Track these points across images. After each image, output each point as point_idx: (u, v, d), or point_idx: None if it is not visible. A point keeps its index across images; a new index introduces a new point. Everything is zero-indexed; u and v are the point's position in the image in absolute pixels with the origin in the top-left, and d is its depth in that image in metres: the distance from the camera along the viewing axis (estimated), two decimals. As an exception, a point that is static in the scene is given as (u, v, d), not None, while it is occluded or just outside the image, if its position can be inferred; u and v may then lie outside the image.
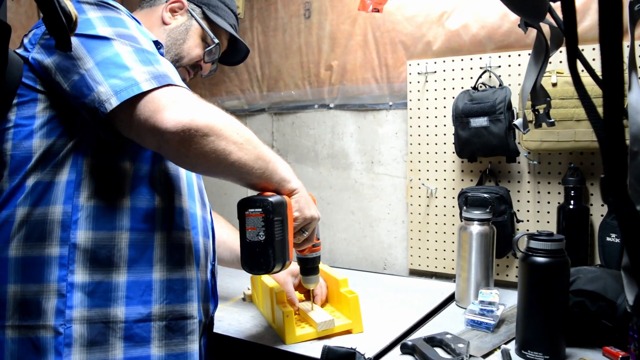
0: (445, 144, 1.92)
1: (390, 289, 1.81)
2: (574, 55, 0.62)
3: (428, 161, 1.96)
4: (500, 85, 1.75)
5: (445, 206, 1.94)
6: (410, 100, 1.98)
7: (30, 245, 0.97)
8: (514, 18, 1.74)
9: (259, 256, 1.05)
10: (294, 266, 1.45)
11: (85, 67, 0.94)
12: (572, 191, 1.62)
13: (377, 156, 2.13)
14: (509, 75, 1.79)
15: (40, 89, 1.00)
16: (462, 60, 1.87)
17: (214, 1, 1.40)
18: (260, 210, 1.04)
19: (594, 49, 1.61)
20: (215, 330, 1.38)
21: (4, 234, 0.97)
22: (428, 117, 1.95)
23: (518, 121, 1.32)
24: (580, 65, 0.68)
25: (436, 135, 1.94)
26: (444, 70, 1.91)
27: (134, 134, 0.96)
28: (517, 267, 1.50)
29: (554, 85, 1.57)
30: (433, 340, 1.28)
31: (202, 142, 0.92)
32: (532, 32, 1.14)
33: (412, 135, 1.99)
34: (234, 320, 1.52)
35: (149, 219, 1.04)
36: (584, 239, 1.63)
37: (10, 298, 0.96)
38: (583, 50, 1.60)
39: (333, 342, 1.29)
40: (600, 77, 0.55)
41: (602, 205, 1.65)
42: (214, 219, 1.35)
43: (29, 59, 1.00)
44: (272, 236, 1.04)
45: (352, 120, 2.19)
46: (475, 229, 1.56)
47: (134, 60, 0.95)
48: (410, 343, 1.25)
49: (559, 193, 1.72)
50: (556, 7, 1.06)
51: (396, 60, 2.04)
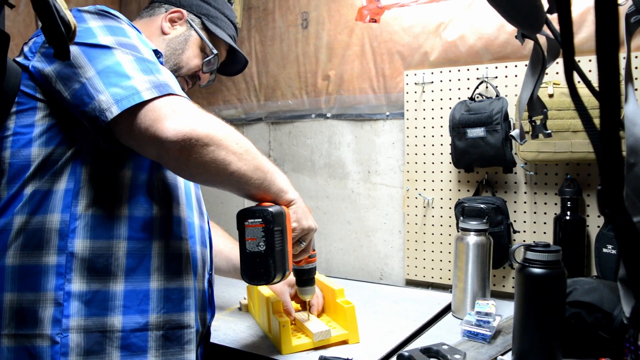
0: (442, 154, 1.93)
1: (387, 299, 1.81)
2: (571, 67, 0.63)
3: (425, 171, 1.96)
4: (497, 96, 1.76)
5: (441, 216, 1.94)
6: (407, 110, 1.99)
7: (28, 253, 0.97)
8: (511, 29, 1.75)
9: (259, 266, 1.04)
10: (291, 276, 1.44)
11: (87, 76, 0.94)
12: (569, 202, 1.62)
13: (374, 166, 2.13)
14: (506, 86, 1.79)
15: (40, 97, 1.00)
16: (459, 70, 1.88)
17: (213, 12, 1.40)
18: (260, 220, 1.03)
19: (590, 61, 1.62)
20: (211, 340, 1.37)
21: (1, 242, 0.97)
22: (425, 128, 1.95)
23: (515, 132, 1.32)
24: (576, 77, 0.68)
25: (433, 145, 1.94)
26: (441, 81, 1.91)
27: (134, 143, 0.96)
28: (514, 278, 1.50)
29: (551, 96, 1.58)
30: (429, 351, 1.27)
31: (202, 152, 0.93)
32: (529, 44, 1.15)
33: (409, 146, 1.99)
34: (230, 329, 1.51)
35: (147, 228, 1.04)
36: (580, 250, 1.63)
37: (6, 306, 0.96)
38: (579, 61, 1.61)
39: (329, 353, 1.28)
40: (597, 89, 0.55)
41: (599, 216, 1.65)
42: (211, 228, 1.35)
43: (29, 67, 1.00)
44: (273, 246, 1.04)
45: (349, 130, 2.19)
46: (472, 239, 1.56)
47: (135, 69, 0.95)
48: (406, 354, 1.25)
49: (556, 204, 1.72)
50: (553, 19, 1.07)
51: (393, 71, 2.04)
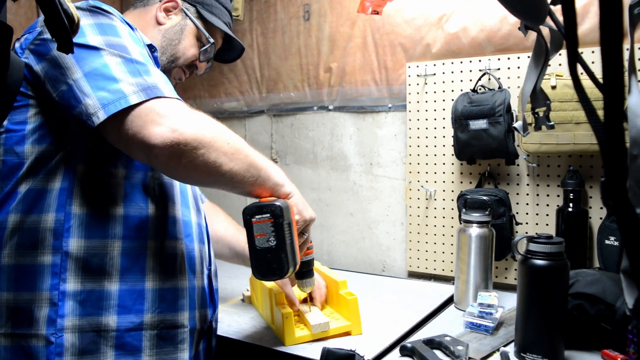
0: (444, 146, 1.92)
1: (389, 291, 1.81)
2: (575, 59, 0.62)
3: (427, 163, 1.96)
4: (499, 87, 1.75)
5: (444, 208, 1.94)
6: (410, 102, 1.99)
7: (23, 252, 0.97)
8: (513, 21, 1.75)
9: (271, 262, 1.04)
10: None
11: (74, 77, 0.93)
12: (571, 194, 1.63)
13: (376, 158, 2.13)
14: (508, 77, 1.79)
15: (31, 94, 0.99)
16: (462, 62, 1.87)
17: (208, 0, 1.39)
18: (269, 215, 1.03)
19: (593, 52, 1.61)
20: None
21: None
22: (427, 120, 1.95)
23: (518, 124, 1.32)
24: (579, 68, 0.68)
25: (435, 137, 1.94)
26: (443, 73, 1.91)
27: (123, 147, 0.95)
28: (516, 270, 1.50)
29: (554, 88, 1.57)
30: (432, 343, 1.28)
31: (192, 156, 0.91)
32: (532, 35, 1.14)
33: (411, 138, 1.99)
34: (233, 321, 1.52)
35: (142, 227, 1.04)
36: (582, 242, 1.63)
37: (2, 306, 0.96)
38: (582, 53, 1.61)
39: (332, 344, 1.29)
40: (600, 80, 0.55)
41: (601, 208, 1.65)
42: (213, 212, 1.35)
43: None
44: (283, 240, 1.03)
45: (351, 122, 2.19)
46: (474, 231, 1.56)
47: (122, 72, 0.94)
48: (409, 345, 1.25)
49: (558, 196, 1.72)
50: (556, 10, 1.06)
51: (395, 63, 2.04)
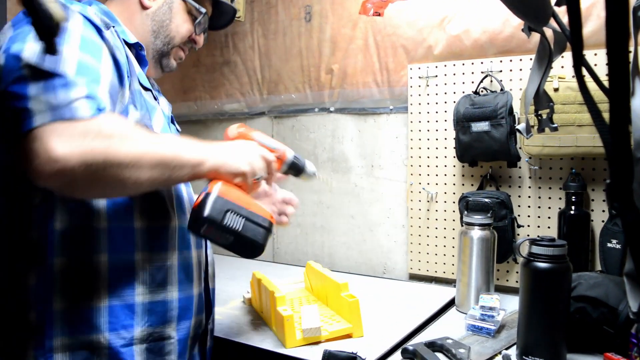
0: (446, 148, 1.92)
1: (390, 294, 1.81)
2: (580, 61, 0.62)
3: (429, 165, 1.96)
4: (501, 89, 1.75)
5: (445, 211, 1.94)
6: (411, 104, 1.98)
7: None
8: (516, 23, 1.74)
9: (246, 247, 1.01)
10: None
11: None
12: (573, 196, 1.62)
13: (378, 160, 2.13)
14: (510, 79, 1.79)
15: None
16: (464, 64, 1.87)
17: None
18: (206, 225, 0.96)
19: (595, 55, 1.61)
20: (215, 334, 1.38)
21: None
22: (429, 122, 1.95)
23: (521, 126, 1.32)
24: (583, 71, 0.68)
25: (437, 139, 1.94)
26: (445, 75, 1.91)
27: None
28: (518, 272, 1.49)
29: (556, 90, 1.57)
30: (434, 345, 1.27)
31: (85, 181, 0.83)
32: (534, 37, 1.14)
33: (413, 140, 1.99)
34: (234, 323, 1.51)
35: (130, 241, 1.01)
36: (584, 245, 1.62)
37: None
38: (585, 55, 1.60)
39: (334, 347, 1.28)
40: (604, 83, 0.55)
41: (603, 211, 1.65)
42: None
43: None
44: (236, 231, 0.98)
45: (353, 124, 2.19)
46: (476, 233, 1.56)
47: (37, 88, 0.85)
48: (411, 348, 1.25)
49: (560, 198, 1.71)
50: (559, 12, 1.06)
51: (397, 64, 2.04)
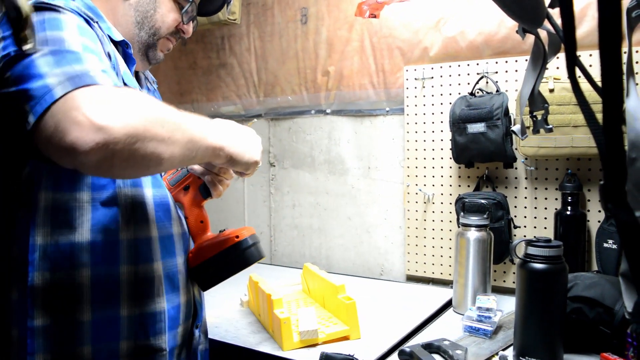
0: (442, 149, 1.92)
1: (387, 295, 1.81)
2: (573, 62, 0.62)
3: (425, 167, 1.96)
4: (497, 91, 1.75)
5: (442, 212, 1.94)
6: (407, 105, 1.99)
7: None
8: (511, 24, 1.75)
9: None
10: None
11: None
12: (569, 197, 1.62)
13: (374, 162, 2.13)
14: (506, 81, 1.79)
15: None
16: (459, 66, 1.87)
17: None
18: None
19: (590, 55, 1.61)
20: (212, 337, 1.38)
21: None
22: (425, 123, 1.95)
23: (516, 127, 1.32)
24: (577, 72, 0.68)
25: (433, 140, 1.94)
26: (441, 76, 1.91)
27: (51, 153, 0.81)
28: (515, 273, 1.50)
29: (551, 91, 1.57)
30: (431, 347, 1.27)
31: (126, 154, 0.80)
32: (529, 39, 1.14)
33: (409, 141, 1.99)
34: (231, 326, 1.51)
35: (113, 253, 0.99)
36: (581, 245, 1.63)
37: None
38: (580, 56, 1.61)
39: (331, 349, 1.28)
40: (598, 84, 0.55)
41: (599, 211, 1.65)
42: None
43: None
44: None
45: (349, 125, 2.19)
46: (473, 234, 1.56)
47: (48, 65, 0.83)
48: (408, 349, 1.25)
49: (556, 199, 1.72)
50: (554, 13, 1.06)
51: (393, 66, 2.04)
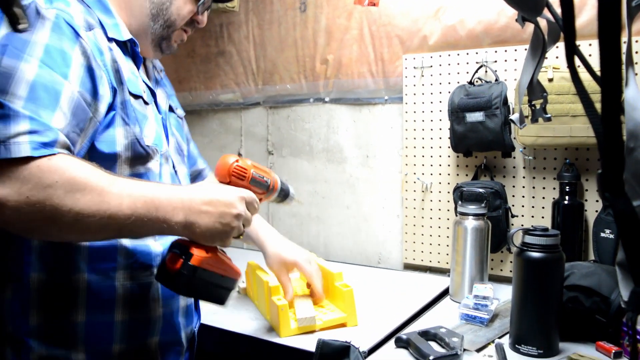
0: (440, 138, 1.92)
1: (385, 283, 1.82)
2: (572, 51, 0.62)
3: (423, 155, 1.96)
4: (496, 80, 1.75)
5: (440, 201, 1.94)
6: (406, 94, 1.98)
7: None
8: (511, 13, 1.74)
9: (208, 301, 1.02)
10: (288, 256, 1.44)
11: None
12: (567, 186, 1.63)
13: (373, 150, 2.13)
14: (505, 70, 1.78)
15: None
16: (459, 54, 1.87)
17: None
18: (176, 291, 0.96)
19: (590, 45, 1.61)
20: (210, 323, 1.39)
21: None
22: (424, 112, 1.95)
23: (515, 116, 1.31)
24: (577, 61, 0.68)
25: (432, 129, 1.94)
26: (440, 65, 1.91)
27: None
28: (512, 262, 1.50)
29: (550, 80, 1.57)
30: (427, 334, 1.28)
31: (29, 229, 0.81)
32: (529, 27, 1.14)
33: (408, 130, 1.99)
34: (229, 313, 1.52)
35: (112, 259, 0.99)
36: (578, 235, 1.63)
37: None
38: (580, 45, 1.60)
39: (328, 336, 1.29)
40: (598, 73, 0.55)
41: (597, 201, 1.65)
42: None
43: None
44: (205, 294, 0.99)
45: (348, 114, 2.18)
46: (470, 223, 1.56)
47: None
48: (404, 337, 1.25)
49: (554, 188, 1.72)
50: (554, 2, 1.06)
51: (392, 55, 2.03)
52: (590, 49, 1.61)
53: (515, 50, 1.77)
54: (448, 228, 1.93)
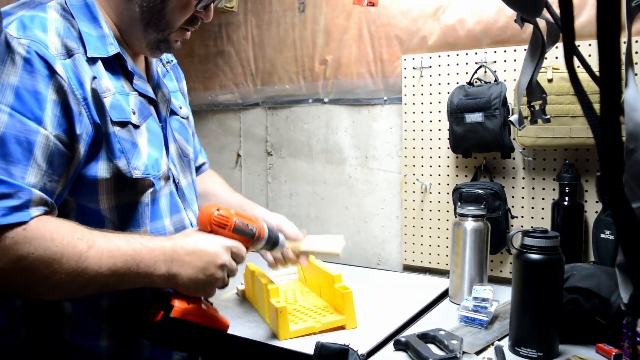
0: (440, 139, 1.92)
1: (384, 285, 1.81)
2: (571, 52, 0.61)
3: (422, 156, 1.96)
4: (495, 80, 1.74)
5: (439, 202, 1.94)
6: (405, 95, 1.97)
7: None
8: (510, 13, 1.73)
9: None
10: (272, 219, 1.36)
11: None
12: (567, 187, 1.62)
13: (372, 151, 2.12)
14: (505, 70, 1.78)
15: None
16: (458, 55, 1.86)
17: None
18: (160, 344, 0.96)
19: (590, 45, 1.60)
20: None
21: None
22: (423, 112, 1.94)
23: (514, 117, 1.31)
24: (576, 61, 0.67)
25: (431, 130, 1.93)
26: (439, 65, 1.90)
27: None
28: (511, 264, 1.49)
29: (550, 81, 1.57)
30: (426, 337, 1.27)
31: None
32: (528, 28, 1.13)
33: (407, 131, 1.98)
34: (227, 316, 1.50)
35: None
36: (578, 236, 1.63)
37: None
38: (579, 46, 1.59)
39: (326, 338, 1.28)
40: (597, 74, 0.54)
41: (597, 202, 1.65)
42: (224, 196, 1.33)
43: None
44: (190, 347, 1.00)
45: (347, 115, 2.18)
46: (470, 225, 1.56)
47: None
48: (403, 339, 1.25)
49: (554, 189, 1.71)
50: (553, 2, 1.05)
51: (391, 55, 2.03)
52: (590, 49, 1.60)
53: (515, 50, 1.76)
54: (447, 229, 1.92)
